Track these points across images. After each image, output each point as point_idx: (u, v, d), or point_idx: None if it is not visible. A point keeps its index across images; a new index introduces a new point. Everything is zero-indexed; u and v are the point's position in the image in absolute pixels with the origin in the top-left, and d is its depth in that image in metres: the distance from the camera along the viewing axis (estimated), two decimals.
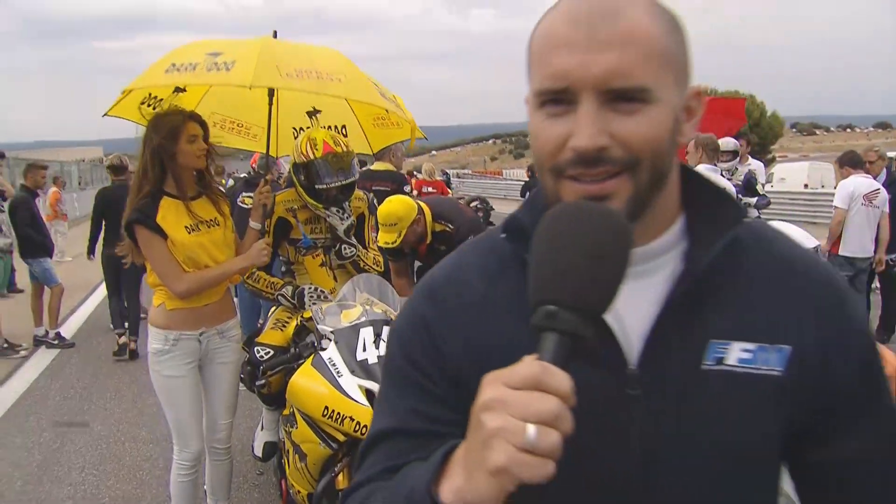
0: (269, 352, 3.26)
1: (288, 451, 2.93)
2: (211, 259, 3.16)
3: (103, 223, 7.64)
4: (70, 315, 9.60)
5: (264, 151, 3.66)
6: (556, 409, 0.67)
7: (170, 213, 3.07)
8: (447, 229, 4.32)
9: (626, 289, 0.76)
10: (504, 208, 14.80)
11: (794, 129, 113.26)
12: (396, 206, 4.09)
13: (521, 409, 0.67)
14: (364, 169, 6.40)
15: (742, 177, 8.20)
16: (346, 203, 3.51)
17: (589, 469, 0.80)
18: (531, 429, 0.66)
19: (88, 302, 10.57)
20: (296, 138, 3.66)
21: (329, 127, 3.77)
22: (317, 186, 3.41)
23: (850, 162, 7.25)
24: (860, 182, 6.92)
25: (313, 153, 3.39)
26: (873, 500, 0.93)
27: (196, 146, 3.09)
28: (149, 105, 3.37)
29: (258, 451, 3.68)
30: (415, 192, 7.92)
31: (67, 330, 8.66)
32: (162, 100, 3.34)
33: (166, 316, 3.17)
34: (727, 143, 8.32)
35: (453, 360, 0.92)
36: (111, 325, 7.96)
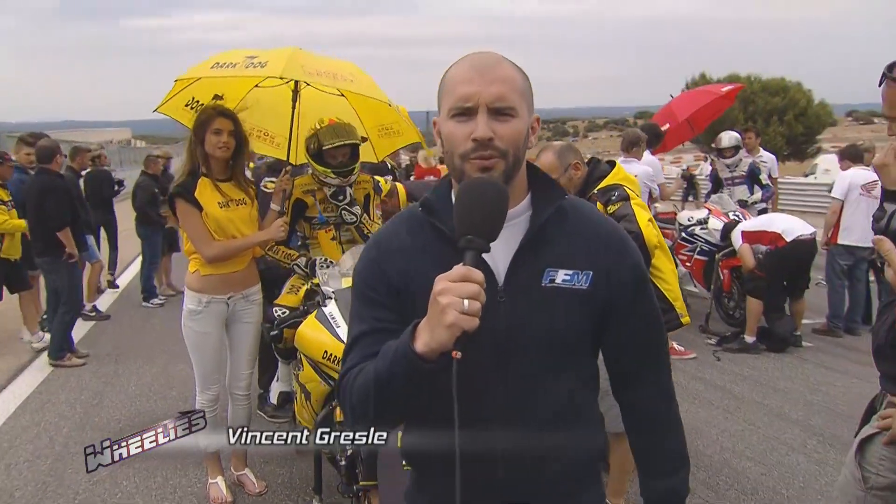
0: (284, 311, 3.89)
1: (296, 392, 3.53)
2: (237, 231, 3.78)
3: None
4: (100, 289, 10.29)
5: (285, 158, 4.24)
6: (477, 290, 1.23)
7: (206, 190, 3.70)
8: None
9: (498, 238, 1.32)
10: None
11: (850, 118, 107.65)
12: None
13: (459, 291, 1.22)
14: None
15: (746, 168, 8.51)
16: (348, 190, 4.08)
17: (484, 332, 1.26)
18: (466, 301, 1.21)
19: (122, 278, 11.23)
20: None
21: None
22: (324, 147, 3.97)
23: (850, 155, 7.71)
24: (858, 174, 7.34)
25: (320, 126, 4.01)
26: (636, 362, 1.59)
27: (218, 138, 3.68)
28: (192, 108, 4.00)
29: (273, 400, 4.31)
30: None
31: (102, 303, 9.35)
32: (203, 104, 3.96)
33: (200, 281, 3.79)
34: (729, 138, 8.57)
35: (393, 281, 1.49)
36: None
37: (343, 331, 3.13)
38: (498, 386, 1.44)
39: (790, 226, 6.91)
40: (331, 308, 3.25)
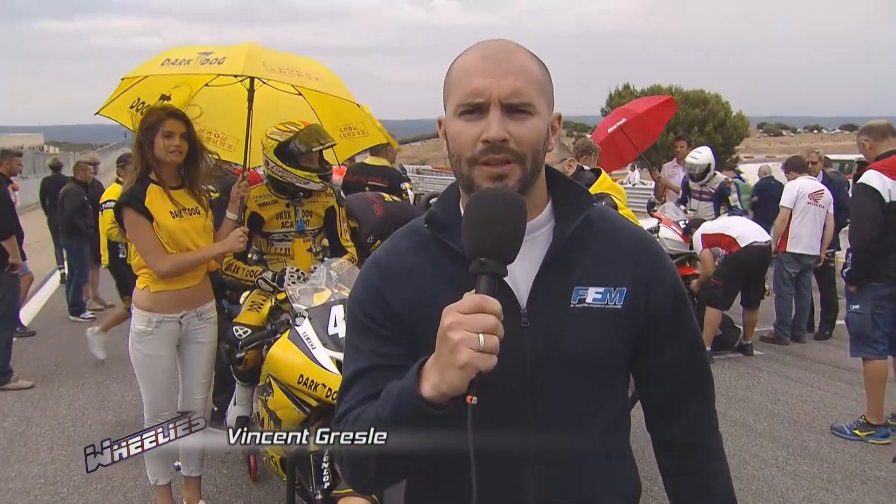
0: (246, 331, 3.57)
1: (263, 419, 3.22)
2: (192, 243, 3.45)
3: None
4: (24, 303, 9.60)
5: (239, 162, 3.92)
6: (494, 322, 1.03)
7: (156, 199, 3.35)
8: (355, 227, 5.06)
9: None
10: None
11: (760, 130, 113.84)
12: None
13: (472, 325, 1.03)
14: (359, 162, 6.60)
15: (716, 185, 8.13)
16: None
17: (504, 366, 1.07)
18: (481, 337, 1.02)
19: (43, 290, 10.56)
20: None
21: None
22: (314, 148, 3.71)
23: (795, 166, 7.84)
24: (805, 183, 7.49)
25: (295, 129, 3.71)
26: (676, 390, 1.40)
27: (170, 142, 3.34)
28: (137, 110, 3.65)
29: (231, 424, 3.97)
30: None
31: (24, 317, 8.65)
32: (149, 105, 3.61)
33: (150, 298, 3.43)
34: (702, 163, 8.01)
35: (396, 308, 1.28)
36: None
37: (320, 352, 2.87)
38: (525, 422, 1.25)
39: (744, 232, 6.95)
40: (305, 328, 2.97)
